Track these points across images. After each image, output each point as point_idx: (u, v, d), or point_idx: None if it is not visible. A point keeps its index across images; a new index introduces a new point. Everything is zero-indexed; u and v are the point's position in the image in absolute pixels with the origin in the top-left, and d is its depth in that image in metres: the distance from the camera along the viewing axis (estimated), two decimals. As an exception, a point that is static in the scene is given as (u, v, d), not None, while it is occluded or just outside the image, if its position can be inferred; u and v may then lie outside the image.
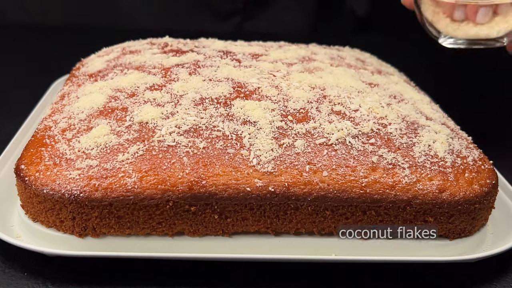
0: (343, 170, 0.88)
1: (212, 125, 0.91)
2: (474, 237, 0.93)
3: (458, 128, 1.04)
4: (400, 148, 0.91)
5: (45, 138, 0.92)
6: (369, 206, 0.89)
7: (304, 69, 1.10)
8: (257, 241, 0.90)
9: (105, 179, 0.84)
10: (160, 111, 0.93)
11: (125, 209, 0.85)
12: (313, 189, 0.86)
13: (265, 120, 0.92)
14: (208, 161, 0.86)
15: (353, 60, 1.21)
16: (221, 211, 0.88)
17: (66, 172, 0.85)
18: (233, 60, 1.12)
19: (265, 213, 0.89)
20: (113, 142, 0.88)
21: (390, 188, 0.87)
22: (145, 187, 0.84)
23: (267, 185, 0.86)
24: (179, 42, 1.23)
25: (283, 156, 0.88)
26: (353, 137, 0.92)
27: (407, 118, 0.98)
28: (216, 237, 0.90)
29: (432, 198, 0.88)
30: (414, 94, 1.10)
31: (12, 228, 0.89)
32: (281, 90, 1.01)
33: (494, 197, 0.94)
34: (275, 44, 1.28)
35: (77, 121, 0.93)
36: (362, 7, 2.05)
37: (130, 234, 0.88)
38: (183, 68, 1.06)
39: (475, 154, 0.95)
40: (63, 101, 1.02)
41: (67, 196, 0.83)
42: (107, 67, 1.10)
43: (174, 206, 0.86)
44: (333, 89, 1.02)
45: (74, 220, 0.86)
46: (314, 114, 0.95)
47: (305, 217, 0.89)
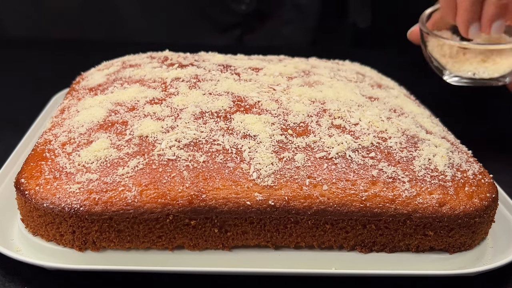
0: (343, 184, 0.88)
1: (212, 139, 0.91)
2: (474, 251, 0.93)
3: (458, 142, 1.04)
4: (400, 162, 0.91)
5: (45, 152, 0.92)
6: (369, 220, 0.89)
7: (304, 83, 1.10)
8: (257, 255, 0.90)
9: (105, 193, 0.84)
10: (160, 125, 0.93)
11: (125, 223, 0.85)
12: (313, 203, 0.86)
13: (265, 134, 0.92)
14: (208, 175, 0.86)
15: (353, 73, 1.21)
16: (221, 225, 0.88)
17: (66, 186, 0.85)
18: (233, 74, 1.12)
19: (265, 227, 0.89)
20: (113, 156, 0.88)
21: (390, 202, 0.87)
22: (145, 201, 0.84)
23: (267, 199, 0.86)
24: (179, 56, 1.23)
25: (283, 170, 0.88)
26: (353, 151, 0.92)
27: (407, 132, 0.98)
28: (216, 251, 0.90)
29: (432, 212, 0.88)
30: (414, 108, 1.10)
31: (12, 242, 0.89)
32: (281, 104, 1.01)
33: (494, 211, 0.94)
34: (275, 57, 1.28)
35: (77, 135, 0.93)
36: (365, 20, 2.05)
37: (130, 248, 0.88)
38: (183, 82, 1.06)
39: (475, 168, 0.95)
40: (63, 115, 1.02)
41: (67, 210, 0.83)
42: (107, 81, 1.10)
43: (174, 220, 0.86)
44: (333, 103, 1.02)
45: (74, 234, 0.86)
46: (314, 128, 0.95)
47: (305, 231, 0.89)
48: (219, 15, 1.95)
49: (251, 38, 2.01)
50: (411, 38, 1.22)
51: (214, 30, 1.97)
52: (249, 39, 2.01)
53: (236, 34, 2.00)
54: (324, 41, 2.08)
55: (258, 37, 2.01)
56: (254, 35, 2.01)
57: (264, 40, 2.01)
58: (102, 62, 1.27)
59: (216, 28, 1.97)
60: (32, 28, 1.96)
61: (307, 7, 1.99)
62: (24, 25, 1.97)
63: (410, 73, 1.60)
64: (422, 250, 0.92)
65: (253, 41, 2.01)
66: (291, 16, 2.00)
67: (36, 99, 1.37)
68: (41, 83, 1.59)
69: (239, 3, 1.92)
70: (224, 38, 1.98)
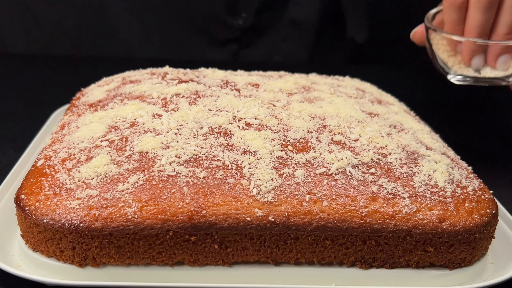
0: (343, 200, 0.88)
1: (212, 155, 0.91)
2: (474, 267, 0.93)
3: (458, 158, 1.04)
4: (400, 178, 0.91)
5: (45, 168, 0.92)
6: (369, 236, 0.89)
7: (304, 99, 1.10)
8: (257, 270, 0.90)
9: (105, 209, 0.84)
10: (160, 141, 0.93)
11: (125, 239, 0.85)
12: (313, 219, 0.86)
13: (265, 150, 0.93)
14: (208, 191, 0.86)
15: (353, 89, 1.21)
16: (221, 241, 0.88)
17: (66, 202, 0.85)
18: (233, 89, 1.12)
19: (265, 242, 0.89)
20: (113, 172, 0.88)
21: (390, 218, 0.87)
22: (145, 217, 0.84)
23: (267, 215, 0.86)
24: (179, 71, 1.23)
25: (283, 186, 0.88)
26: (353, 167, 0.92)
27: (407, 148, 0.98)
28: (216, 266, 0.90)
29: (432, 228, 0.88)
30: (414, 124, 1.10)
31: (12, 258, 0.89)
32: (281, 120, 1.01)
33: (494, 227, 0.94)
34: (275, 73, 1.28)
35: (77, 151, 0.93)
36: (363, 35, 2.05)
37: (130, 263, 0.88)
38: (183, 98, 1.06)
39: (475, 184, 0.95)
40: (63, 131, 1.02)
41: (67, 226, 0.83)
42: (107, 97, 1.10)
43: (174, 235, 0.86)
44: (333, 119, 1.02)
45: (74, 250, 0.86)
46: (314, 144, 0.95)
47: (305, 246, 0.89)
48: (216, 30, 1.96)
49: (248, 53, 2.02)
50: (414, 39, 1.22)
51: (212, 44, 1.97)
52: (246, 54, 2.02)
53: (233, 49, 2.00)
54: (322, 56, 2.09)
55: (256, 52, 2.02)
56: (251, 50, 2.02)
57: (261, 56, 2.01)
58: (102, 78, 1.28)
59: (213, 42, 1.97)
60: (33, 44, 1.97)
61: (304, 22, 1.99)
62: (25, 41, 1.98)
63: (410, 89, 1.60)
64: (422, 266, 0.92)
65: (250, 56, 2.01)
66: (288, 31, 2.00)
67: (37, 115, 1.38)
68: (41, 99, 1.59)
69: (236, 17, 1.92)
70: (221, 53, 1.99)
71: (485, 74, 1.10)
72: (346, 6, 1.99)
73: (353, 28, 2.04)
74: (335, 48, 2.12)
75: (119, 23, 1.93)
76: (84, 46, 1.98)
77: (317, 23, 2.00)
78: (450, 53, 1.13)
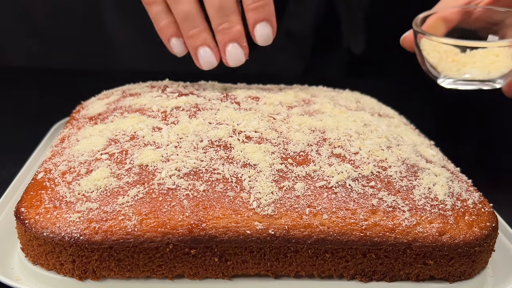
0: (343, 213, 0.88)
1: (212, 168, 0.91)
2: (474, 280, 0.93)
3: (458, 171, 1.04)
4: (400, 191, 0.91)
5: (45, 181, 0.92)
6: (369, 249, 0.89)
7: (304, 112, 1.10)
8: (257, 283, 0.90)
9: (105, 222, 0.84)
10: (160, 154, 0.93)
11: (125, 252, 0.85)
12: (313, 232, 0.86)
13: (265, 163, 0.93)
14: (208, 204, 0.86)
15: (353, 102, 1.21)
16: (221, 254, 0.88)
17: (66, 215, 0.85)
18: (233, 102, 1.12)
19: (265, 255, 0.88)
20: (113, 185, 0.88)
21: (390, 231, 0.87)
22: (145, 230, 0.84)
23: (267, 228, 0.85)
24: (179, 85, 1.23)
25: (283, 199, 0.88)
26: (353, 180, 0.92)
27: (407, 161, 0.98)
28: (216, 279, 0.90)
29: (432, 241, 0.88)
30: (414, 137, 1.11)
31: (12, 271, 0.89)
32: (281, 133, 1.01)
33: (494, 240, 0.94)
34: (275, 87, 1.28)
35: (77, 164, 0.93)
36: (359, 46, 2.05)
37: (130, 277, 0.88)
38: (183, 111, 1.06)
39: (475, 197, 0.95)
40: (63, 144, 1.02)
41: (67, 239, 0.83)
42: (107, 110, 1.10)
43: (174, 249, 0.86)
44: (333, 132, 1.02)
45: (74, 263, 0.85)
46: (314, 157, 0.95)
47: (305, 259, 0.89)
48: None
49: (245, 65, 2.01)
50: (404, 44, 1.22)
51: None
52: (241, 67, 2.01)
53: None
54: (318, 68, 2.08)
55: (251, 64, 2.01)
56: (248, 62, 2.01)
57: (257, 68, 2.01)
58: (102, 91, 1.28)
59: None
60: (33, 57, 1.97)
61: (300, 34, 1.99)
62: (25, 54, 1.98)
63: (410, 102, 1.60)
64: (422, 279, 0.92)
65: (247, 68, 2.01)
66: (284, 43, 2.00)
67: (36, 128, 1.37)
68: (41, 112, 1.59)
69: None
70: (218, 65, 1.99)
71: (474, 76, 1.10)
72: (342, 17, 1.99)
73: (349, 38, 2.04)
74: (332, 60, 2.12)
75: (120, 36, 1.93)
76: (84, 60, 1.98)
77: (313, 34, 2.00)
78: (439, 57, 1.13)
